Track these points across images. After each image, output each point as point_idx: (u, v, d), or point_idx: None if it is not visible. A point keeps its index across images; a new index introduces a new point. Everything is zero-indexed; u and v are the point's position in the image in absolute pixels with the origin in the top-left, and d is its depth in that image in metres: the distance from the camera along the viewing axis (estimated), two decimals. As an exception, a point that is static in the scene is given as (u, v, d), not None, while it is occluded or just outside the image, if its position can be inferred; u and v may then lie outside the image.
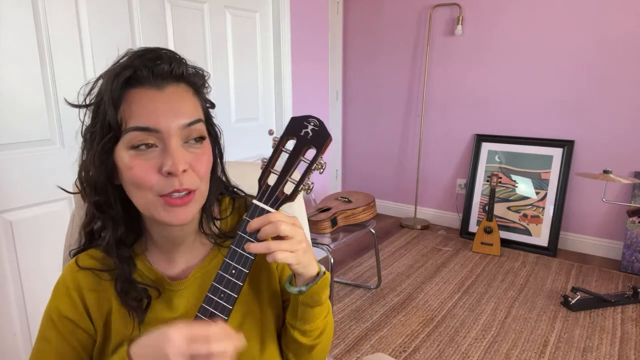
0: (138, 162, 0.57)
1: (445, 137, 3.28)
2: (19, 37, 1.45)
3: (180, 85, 0.60)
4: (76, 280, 0.66)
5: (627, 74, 2.57)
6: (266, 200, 0.60)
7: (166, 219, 0.59)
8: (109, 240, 0.64)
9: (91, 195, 0.63)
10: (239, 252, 0.59)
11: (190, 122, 0.59)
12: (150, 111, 0.57)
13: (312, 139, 0.59)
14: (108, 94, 0.57)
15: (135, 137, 0.57)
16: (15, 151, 1.48)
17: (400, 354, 1.82)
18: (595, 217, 2.80)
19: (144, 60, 0.58)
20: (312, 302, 0.65)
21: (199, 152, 0.60)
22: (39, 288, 1.59)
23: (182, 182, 0.57)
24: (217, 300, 0.58)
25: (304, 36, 2.67)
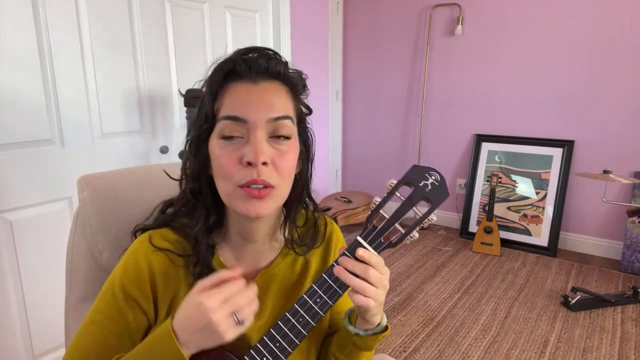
0: (225, 152, 0.59)
1: (445, 137, 3.28)
2: (19, 37, 1.45)
3: (276, 82, 0.62)
4: (150, 261, 0.64)
5: (627, 74, 2.57)
6: (370, 241, 0.59)
7: (243, 210, 0.59)
8: (201, 227, 0.65)
9: (188, 182, 0.66)
10: (329, 282, 0.58)
11: (277, 117, 0.59)
12: (241, 102, 0.59)
13: (430, 193, 0.58)
14: (208, 86, 0.62)
15: (225, 127, 0.59)
16: (15, 151, 1.48)
17: (400, 354, 1.82)
18: (595, 217, 2.80)
19: (243, 56, 0.61)
20: (363, 347, 0.65)
21: (283, 148, 0.60)
22: (39, 288, 1.59)
23: (260, 173, 0.57)
24: (294, 323, 0.58)
25: (304, 36, 2.67)
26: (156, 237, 0.66)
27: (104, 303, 0.64)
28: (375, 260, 0.58)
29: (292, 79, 0.64)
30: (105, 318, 0.63)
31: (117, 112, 1.79)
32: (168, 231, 0.67)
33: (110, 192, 0.81)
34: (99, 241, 0.79)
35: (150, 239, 0.65)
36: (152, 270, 0.64)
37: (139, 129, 1.88)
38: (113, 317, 0.63)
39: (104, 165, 1.74)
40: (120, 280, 0.63)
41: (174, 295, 0.65)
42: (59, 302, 1.47)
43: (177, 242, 0.66)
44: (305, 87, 0.67)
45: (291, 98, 0.63)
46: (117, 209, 0.80)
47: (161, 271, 0.64)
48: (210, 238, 0.66)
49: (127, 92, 1.80)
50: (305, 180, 0.70)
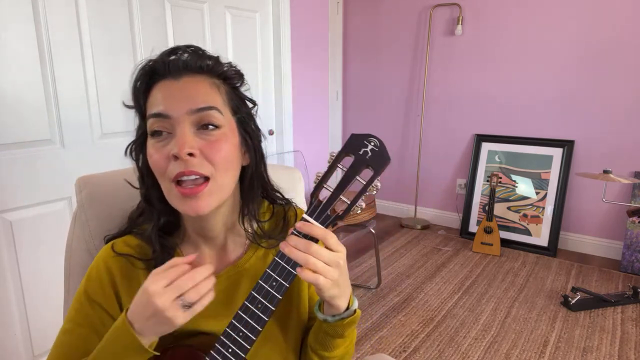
0: (155, 149, 0.60)
1: (445, 137, 3.28)
2: (19, 37, 1.45)
3: (199, 76, 0.62)
4: (109, 266, 0.66)
5: (627, 74, 2.57)
6: (317, 217, 0.58)
7: (182, 209, 0.60)
8: (152, 230, 0.66)
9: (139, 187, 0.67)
10: (282, 264, 0.58)
11: (200, 108, 0.59)
12: (163, 98, 0.60)
13: (371, 159, 0.57)
14: (133, 90, 0.64)
15: (152, 125, 0.60)
16: (15, 151, 1.48)
17: (400, 354, 1.82)
18: (595, 217, 2.80)
19: (162, 56, 0.63)
20: (334, 333, 0.65)
21: (212, 138, 0.60)
22: (39, 288, 1.59)
23: (188, 165, 0.58)
24: (254, 310, 0.58)
25: (304, 36, 2.67)
26: (118, 244, 0.68)
27: (73, 311, 0.66)
28: (319, 233, 0.57)
29: (218, 71, 0.64)
30: (76, 325, 0.65)
31: (117, 112, 1.79)
32: (131, 237, 0.69)
33: (108, 193, 0.81)
34: (97, 241, 0.79)
35: (112, 246, 0.68)
36: (111, 274, 0.66)
37: (139, 129, 1.88)
38: (82, 323, 0.65)
39: (104, 166, 1.74)
40: (84, 288, 0.66)
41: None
42: (59, 302, 1.47)
43: (139, 247, 0.68)
44: (240, 77, 0.67)
45: (220, 90, 0.63)
46: (114, 210, 0.80)
47: (122, 275, 0.66)
48: (168, 240, 0.67)
49: (127, 92, 1.80)
50: (255, 172, 0.68)
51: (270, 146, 2.60)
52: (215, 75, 0.64)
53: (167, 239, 0.67)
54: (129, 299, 0.65)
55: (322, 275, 0.56)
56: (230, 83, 0.65)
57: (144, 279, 0.64)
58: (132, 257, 0.66)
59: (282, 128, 2.60)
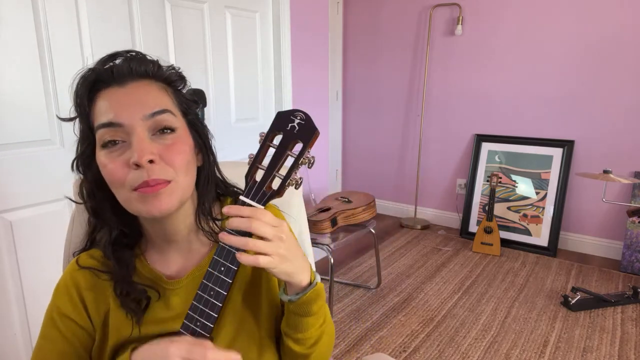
0: (110, 159, 0.58)
1: (445, 137, 3.28)
2: (19, 37, 1.45)
3: (144, 81, 0.61)
4: (75, 279, 0.67)
5: (627, 74, 2.57)
6: (253, 196, 0.58)
7: (145, 211, 0.59)
8: (105, 243, 0.65)
9: (86, 201, 0.66)
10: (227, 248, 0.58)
11: (153, 112, 0.58)
12: (112, 107, 0.58)
13: (299, 133, 0.58)
14: (76, 99, 0.61)
15: (103, 135, 0.58)
16: (15, 151, 1.48)
17: (400, 354, 1.82)
18: (595, 217, 2.80)
19: (103, 63, 0.61)
20: (302, 312, 0.63)
21: (168, 142, 0.59)
22: (39, 288, 1.59)
23: (150, 173, 0.56)
24: (207, 298, 0.58)
25: (304, 36, 2.67)
26: (83, 257, 0.69)
27: (45, 328, 0.67)
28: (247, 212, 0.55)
29: (163, 74, 0.63)
30: (48, 341, 0.66)
31: (117, 112, 1.78)
32: (95, 250, 0.69)
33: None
34: (96, 242, 0.79)
35: (77, 260, 0.68)
36: (78, 287, 0.67)
37: (139, 129, 1.88)
38: (55, 339, 0.65)
39: (104, 165, 1.74)
40: (54, 304, 0.67)
41: (106, 308, 0.67)
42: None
43: (103, 258, 0.67)
44: (182, 79, 0.66)
45: (167, 93, 0.63)
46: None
47: (87, 287, 0.67)
48: (124, 251, 0.66)
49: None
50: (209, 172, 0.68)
51: (270, 146, 2.59)
52: (160, 80, 0.63)
53: (124, 251, 0.66)
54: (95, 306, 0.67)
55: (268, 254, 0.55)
56: (175, 86, 0.65)
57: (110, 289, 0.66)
58: (95, 270, 0.67)
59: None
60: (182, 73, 0.67)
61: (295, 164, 0.58)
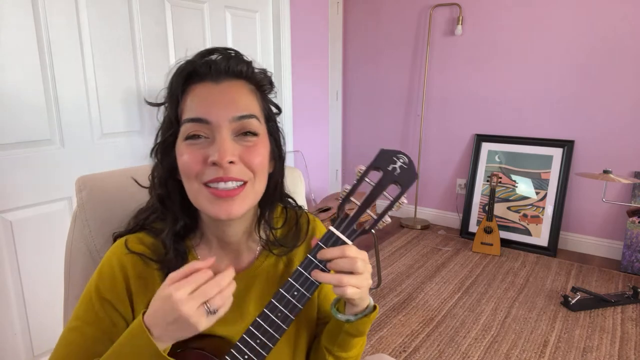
0: (189, 151, 0.59)
1: (445, 137, 3.28)
2: (19, 37, 1.45)
3: (238, 81, 0.61)
4: (123, 263, 0.64)
5: (627, 74, 2.57)
6: (343, 230, 0.58)
7: (213, 212, 0.59)
8: (168, 232, 0.64)
9: (156, 188, 0.66)
10: (305, 275, 0.58)
11: (242, 115, 0.59)
12: (203, 103, 0.59)
13: (399, 176, 0.58)
14: (170, 89, 0.61)
15: (189, 129, 0.59)
16: (15, 151, 1.48)
17: (400, 354, 1.82)
18: (595, 217, 2.80)
19: (203, 57, 0.61)
20: (355, 333, 0.65)
21: (250, 145, 0.60)
22: (39, 288, 1.59)
23: (228, 172, 0.57)
24: (273, 318, 0.57)
25: (304, 36, 2.67)
26: (132, 240, 0.66)
27: (82, 309, 0.64)
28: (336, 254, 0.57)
29: (256, 77, 0.63)
30: (84, 324, 0.63)
31: (117, 112, 1.79)
32: (145, 235, 0.67)
33: (108, 193, 0.81)
34: (97, 241, 0.79)
35: (126, 243, 0.65)
36: (125, 273, 0.64)
37: (139, 129, 1.88)
38: (91, 322, 0.63)
39: (104, 165, 1.74)
40: (95, 285, 0.64)
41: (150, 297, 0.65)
42: (59, 302, 1.47)
43: (153, 245, 0.66)
44: (272, 85, 0.66)
45: (256, 97, 0.63)
46: (115, 210, 0.80)
47: (135, 274, 0.64)
48: (181, 243, 0.66)
49: (127, 92, 1.80)
50: (278, 179, 0.69)
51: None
52: (252, 82, 0.63)
53: (181, 242, 0.66)
54: (142, 299, 0.64)
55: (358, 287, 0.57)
56: (264, 90, 0.65)
57: (159, 279, 0.64)
58: (146, 257, 0.64)
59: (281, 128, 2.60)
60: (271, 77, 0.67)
61: (390, 208, 0.59)
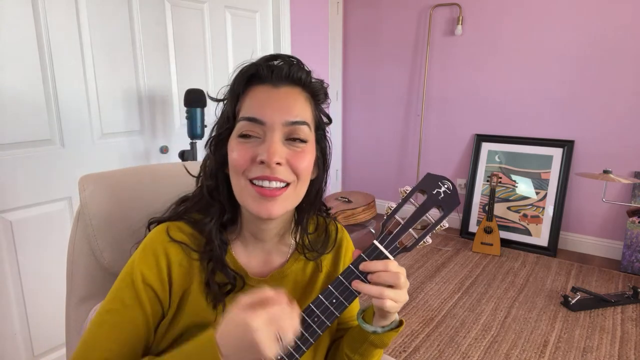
0: (240, 148, 0.61)
1: (445, 137, 3.28)
2: (19, 37, 1.45)
3: (296, 88, 0.64)
4: (167, 250, 0.65)
5: (627, 74, 2.57)
6: (386, 246, 0.61)
7: (255, 210, 0.61)
8: (215, 224, 0.66)
9: (206, 180, 0.68)
10: (345, 284, 0.60)
11: (295, 121, 0.61)
12: (260, 104, 0.62)
13: (443, 201, 0.61)
14: (232, 88, 0.65)
15: (243, 127, 0.62)
16: (15, 151, 1.48)
17: (400, 354, 1.82)
18: (595, 217, 2.80)
19: (267, 61, 0.64)
20: (380, 344, 0.67)
21: (298, 150, 0.62)
22: (39, 288, 1.59)
23: (274, 172, 0.59)
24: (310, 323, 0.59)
25: (304, 36, 2.67)
26: (173, 229, 0.67)
27: (121, 292, 0.64)
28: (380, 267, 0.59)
29: (313, 86, 0.66)
30: (124, 307, 0.63)
31: (117, 112, 1.79)
32: (183, 224, 0.68)
33: (111, 192, 0.81)
34: (100, 241, 0.79)
35: (168, 231, 0.66)
36: (169, 260, 0.65)
37: (139, 129, 1.88)
38: (131, 305, 0.63)
39: (104, 165, 1.74)
40: (139, 269, 0.64)
41: (187, 287, 0.66)
42: (59, 302, 1.47)
43: (193, 236, 0.67)
44: (326, 95, 0.69)
45: (310, 105, 0.65)
46: (118, 209, 0.80)
47: (177, 261, 0.66)
48: (224, 235, 0.68)
49: (127, 92, 1.80)
50: (319, 186, 0.71)
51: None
52: (308, 90, 0.66)
53: (223, 234, 0.68)
54: (180, 284, 0.65)
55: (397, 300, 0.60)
56: (318, 99, 0.68)
57: (197, 269, 0.66)
58: (189, 248, 0.66)
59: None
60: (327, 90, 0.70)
61: (432, 229, 0.62)
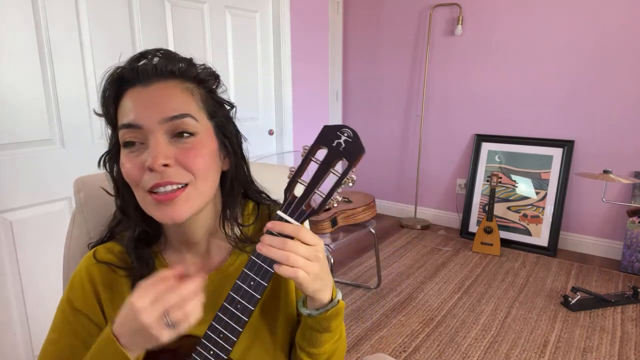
0: (128, 159, 0.58)
1: (445, 137, 3.28)
2: (19, 37, 1.45)
3: (170, 81, 0.60)
4: (91, 273, 0.65)
5: (627, 74, 2.57)
6: (291, 213, 0.57)
7: (157, 216, 0.59)
8: (128, 239, 0.65)
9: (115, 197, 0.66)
10: (259, 263, 0.57)
11: (172, 116, 0.57)
12: (133, 108, 0.58)
13: (345, 150, 0.55)
14: (102, 98, 0.61)
15: (124, 135, 0.58)
16: (15, 151, 1.48)
17: (400, 354, 1.82)
18: (595, 217, 2.80)
19: (130, 62, 0.60)
20: (319, 328, 0.64)
21: (187, 146, 0.58)
22: (39, 288, 1.59)
23: (164, 176, 0.56)
24: (233, 311, 0.57)
25: (304, 36, 2.67)
26: (100, 251, 0.67)
27: (58, 321, 0.65)
28: (291, 230, 0.55)
29: (192, 74, 0.61)
30: (60, 335, 0.64)
31: (117, 112, 1.78)
32: (114, 244, 0.68)
33: (106, 194, 0.81)
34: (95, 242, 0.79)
35: (94, 253, 0.66)
36: (93, 282, 0.65)
37: (139, 129, 1.88)
38: (67, 333, 0.64)
39: (104, 165, 1.74)
40: (67, 297, 0.65)
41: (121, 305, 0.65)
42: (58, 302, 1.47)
43: (122, 254, 0.66)
44: (217, 80, 0.65)
45: (194, 95, 0.61)
46: (113, 210, 0.80)
47: (103, 282, 0.65)
48: (146, 249, 0.66)
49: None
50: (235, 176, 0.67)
51: (270, 146, 2.60)
52: (189, 79, 0.61)
53: (145, 249, 0.66)
54: (111, 306, 0.65)
55: (301, 269, 0.55)
56: (205, 86, 0.63)
57: (126, 286, 0.65)
58: (113, 265, 0.65)
59: (282, 128, 2.60)
60: (216, 71, 0.65)
61: (338, 184, 0.56)
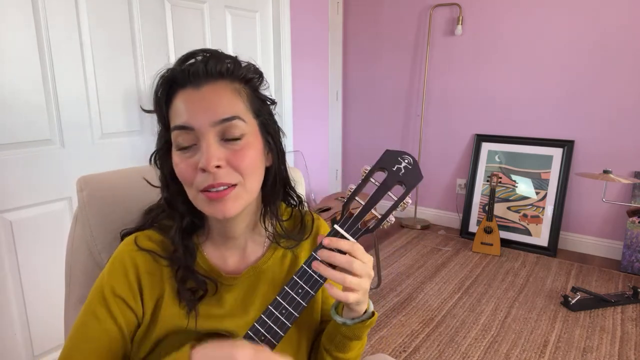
0: (182, 160, 0.61)
1: (445, 137, 3.28)
2: (19, 37, 1.45)
3: (219, 82, 0.61)
4: (134, 260, 0.66)
5: (627, 74, 2.57)
6: (347, 229, 0.59)
7: (210, 213, 0.61)
8: (176, 229, 0.66)
9: (162, 191, 0.68)
10: (309, 272, 0.58)
11: (223, 119, 0.59)
12: (186, 110, 0.60)
13: (404, 176, 0.59)
14: (155, 99, 0.63)
15: (177, 137, 0.61)
16: (15, 151, 1.48)
17: (400, 354, 1.82)
18: (595, 217, 2.80)
19: (180, 63, 0.62)
20: (352, 336, 0.66)
21: (237, 147, 0.60)
22: (39, 288, 1.59)
23: (216, 177, 0.58)
24: (278, 315, 0.58)
25: (304, 36, 2.67)
26: (141, 238, 0.68)
27: (93, 305, 0.65)
28: (347, 247, 0.58)
29: (239, 74, 0.63)
30: (96, 320, 0.64)
31: (117, 112, 1.79)
32: (153, 232, 0.69)
33: (109, 193, 0.81)
34: (98, 241, 0.79)
35: (136, 240, 0.67)
36: (137, 269, 0.65)
37: (139, 129, 1.88)
38: (103, 318, 0.64)
39: (104, 166, 1.74)
40: (108, 282, 0.65)
41: (159, 294, 0.66)
42: (59, 302, 1.47)
43: (162, 243, 0.67)
44: (261, 77, 0.66)
45: (240, 95, 0.62)
46: (116, 210, 0.80)
47: (146, 270, 0.66)
48: (190, 240, 0.68)
49: (127, 92, 1.80)
50: (278, 172, 0.69)
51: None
52: (237, 79, 0.63)
53: (189, 239, 0.68)
54: (151, 293, 0.66)
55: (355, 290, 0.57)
56: (251, 85, 0.65)
57: (167, 276, 0.66)
58: (156, 254, 0.66)
59: (282, 128, 2.60)
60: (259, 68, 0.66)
61: (394, 207, 0.59)
